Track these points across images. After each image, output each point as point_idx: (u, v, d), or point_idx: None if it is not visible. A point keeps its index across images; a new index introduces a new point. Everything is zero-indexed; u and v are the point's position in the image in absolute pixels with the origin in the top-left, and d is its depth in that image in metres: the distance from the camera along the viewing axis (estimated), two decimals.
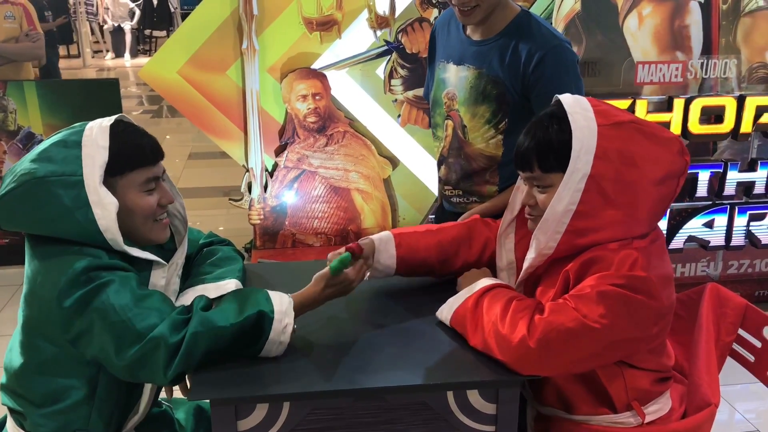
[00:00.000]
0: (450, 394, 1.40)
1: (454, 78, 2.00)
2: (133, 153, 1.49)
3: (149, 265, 1.54)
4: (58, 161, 1.44)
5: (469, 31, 1.99)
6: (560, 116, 1.45)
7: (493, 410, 1.41)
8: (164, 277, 1.56)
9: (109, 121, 1.50)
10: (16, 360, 1.49)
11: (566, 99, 1.48)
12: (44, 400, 1.47)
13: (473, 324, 1.47)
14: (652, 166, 1.42)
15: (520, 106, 1.91)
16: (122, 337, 1.36)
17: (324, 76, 3.67)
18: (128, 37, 12.81)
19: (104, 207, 1.42)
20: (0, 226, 1.50)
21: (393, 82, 3.74)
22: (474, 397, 1.41)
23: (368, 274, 1.69)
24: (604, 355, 1.42)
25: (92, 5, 13.04)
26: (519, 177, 1.60)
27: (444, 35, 2.08)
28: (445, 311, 1.55)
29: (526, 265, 1.54)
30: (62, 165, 1.43)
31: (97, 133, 1.47)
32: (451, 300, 1.56)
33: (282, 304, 1.46)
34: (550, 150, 1.45)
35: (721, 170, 3.27)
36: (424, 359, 1.44)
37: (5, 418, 1.64)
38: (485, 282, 1.56)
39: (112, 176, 1.46)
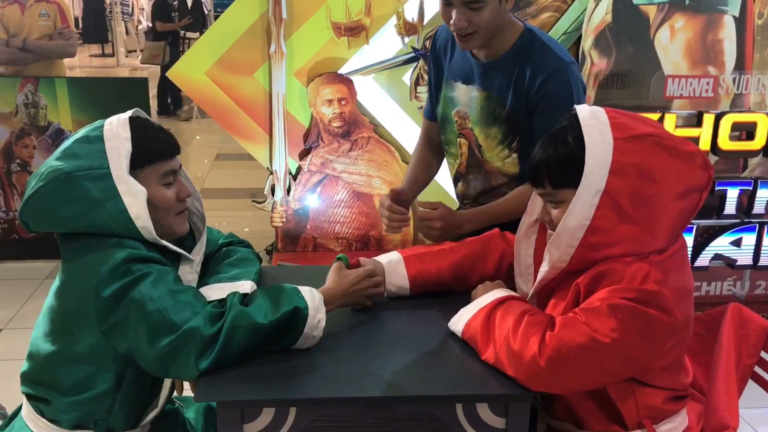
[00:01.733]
0: (459, 407, 1.38)
1: (465, 98, 1.96)
2: (153, 146, 1.53)
3: (177, 261, 1.57)
4: (83, 156, 1.47)
5: (474, 50, 1.93)
6: (575, 130, 1.43)
7: (503, 425, 1.39)
8: (191, 273, 1.59)
9: (126, 114, 1.54)
10: (46, 348, 1.51)
11: (582, 112, 1.44)
12: (71, 388, 1.49)
13: (485, 337, 1.45)
14: (672, 181, 1.39)
15: (530, 126, 1.88)
16: (157, 328, 1.38)
17: (350, 81, 3.67)
18: None
19: (134, 195, 1.45)
20: (30, 228, 1.51)
21: (419, 89, 3.73)
22: (483, 410, 1.38)
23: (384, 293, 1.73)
24: (615, 372, 1.39)
25: (128, 5, 13.25)
26: None
27: (447, 53, 2.03)
28: (458, 323, 1.54)
29: (539, 277, 1.52)
30: (88, 159, 1.46)
31: (117, 126, 1.50)
32: (463, 311, 1.54)
33: (314, 299, 1.50)
34: (560, 166, 1.43)
35: (751, 188, 3.20)
36: (434, 370, 1.43)
37: (19, 408, 1.66)
38: (498, 294, 1.53)
39: (132, 169, 1.49)
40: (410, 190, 2.15)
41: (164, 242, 1.52)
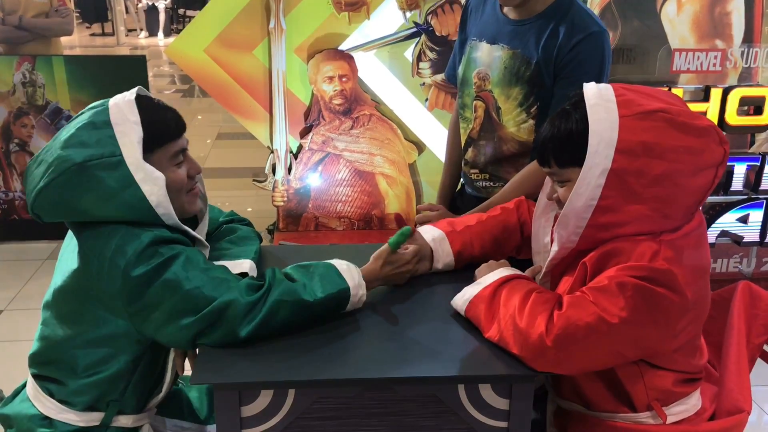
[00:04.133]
0: (461, 388, 1.35)
1: (487, 58, 1.94)
2: (161, 129, 1.49)
3: (191, 244, 1.54)
4: (93, 144, 1.42)
5: (506, 9, 1.92)
6: (580, 109, 1.39)
7: (506, 405, 1.36)
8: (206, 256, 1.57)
9: (131, 95, 1.49)
10: (63, 330, 1.49)
11: (589, 90, 1.40)
12: (87, 368, 1.48)
13: (489, 315, 1.42)
14: (683, 158, 1.34)
15: (551, 91, 1.85)
16: (194, 303, 1.37)
17: (351, 57, 3.62)
18: (162, 16, 12.86)
19: (153, 182, 1.42)
20: (42, 220, 1.47)
21: (421, 65, 3.68)
22: (486, 391, 1.36)
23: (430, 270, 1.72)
24: (623, 353, 1.36)
25: None
26: None
27: (478, 13, 2.01)
28: (460, 301, 1.50)
29: (550, 257, 1.49)
30: (98, 147, 1.42)
31: (125, 109, 1.45)
32: (467, 289, 1.51)
33: (353, 277, 1.50)
34: (565, 145, 1.40)
35: (759, 164, 3.16)
36: (435, 350, 1.40)
37: (19, 389, 1.64)
38: (504, 272, 1.50)
39: (143, 154, 1.44)
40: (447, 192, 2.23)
41: (185, 227, 1.50)
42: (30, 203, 1.45)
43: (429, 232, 1.71)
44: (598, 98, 1.37)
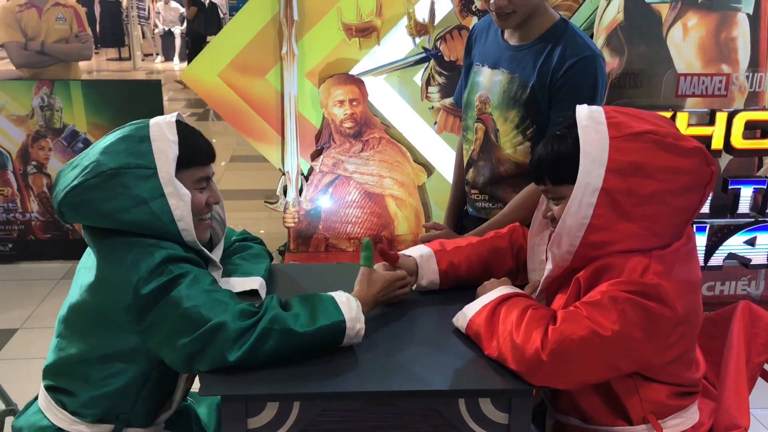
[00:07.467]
0: (461, 402, 1.38)
1: (488, 82, 2.00)
2: (193, 151, 1.55)
3: (205, 265, 1.58)
4: (129, 154, 1.49)
5: (506, 35, 1.99)
6: (574, 129, 1.44)
7: (505, 420, 1.39)
8: (218, 280, 1.60)
9: (172, 117, 1.57)
10: (78, 343, 1.53)
11: (580, 112, 1.45)
12: (99, 381, 1.51)
13: (489, 332, 1.45)
14: (671, 178, 1.39)
15: (547, 114, 1.89)
16: (189, 323, 1.39)
17: (361, 82, 3.68)
18: (178, 42, 13.07)
19: (180, 198, 1.48)
20: (65, 219, 1.53)
21: (430, 89, 3.74)
22: (486, 405, 1.38)
23: (414, 287, 1.73)
24: (617, 366, 1.39)
25: (144, 10, 13.37)
26: None
27: (482, 39, 2.09)
28: (461, 318, 1.54)
29: (544, 275, 1.52)
30: (135, 158, 1.48)
31: (165, 128, 1.52)
32: (467, 307, 1.54)
33: (351, 310, 1.47)
34: (560, 163, 1.44)
35: (765, 187, 3.17)
36: (436, 365, 1.43)
37: (30, 402, 1.68)
38: (503, 290, 1.54)
39: None
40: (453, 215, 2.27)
41: (200, 247, 1.55)
42: (58, 201, 1.50)
43: (418, 249, 1.75)
44: (589, 120, 1.42)
